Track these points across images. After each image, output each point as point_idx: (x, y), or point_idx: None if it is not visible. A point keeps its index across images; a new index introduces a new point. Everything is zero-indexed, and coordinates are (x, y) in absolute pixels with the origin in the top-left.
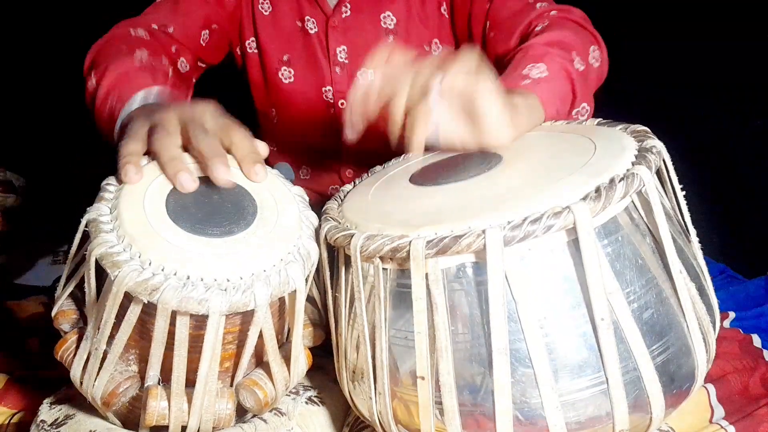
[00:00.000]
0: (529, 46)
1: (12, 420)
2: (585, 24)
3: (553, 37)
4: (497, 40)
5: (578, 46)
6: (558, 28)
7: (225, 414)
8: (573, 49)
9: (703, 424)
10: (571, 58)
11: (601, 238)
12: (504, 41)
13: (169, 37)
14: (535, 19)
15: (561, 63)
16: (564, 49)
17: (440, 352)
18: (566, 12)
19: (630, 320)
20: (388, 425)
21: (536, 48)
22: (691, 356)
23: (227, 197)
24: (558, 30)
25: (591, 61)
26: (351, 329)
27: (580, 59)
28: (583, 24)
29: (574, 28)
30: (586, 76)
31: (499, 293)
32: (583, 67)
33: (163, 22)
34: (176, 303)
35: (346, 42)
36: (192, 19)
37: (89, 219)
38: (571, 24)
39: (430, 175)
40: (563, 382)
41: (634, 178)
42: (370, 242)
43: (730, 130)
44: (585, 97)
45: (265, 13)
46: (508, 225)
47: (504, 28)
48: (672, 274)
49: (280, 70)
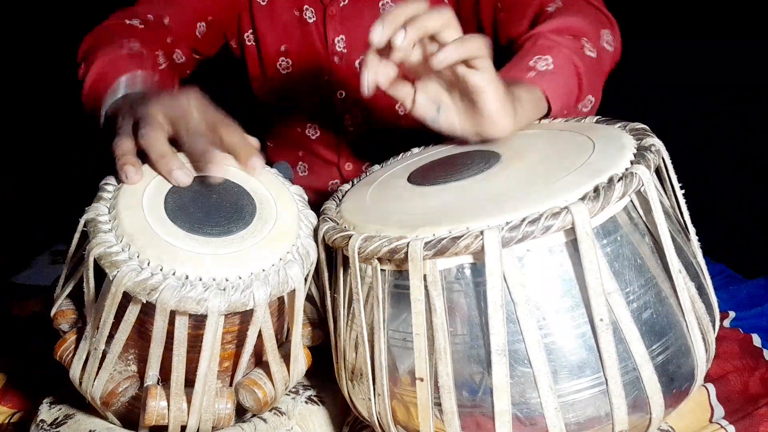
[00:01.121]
0: (538, 34)
1: (12, 420)
2: (598, 4)
3: (563, 23)
4: (509, 21)
5: (589, 31)
6: (569, 12)
7: (224, 414)
8: (583, 35)
9: (702, 424)
10: (581, 45)
11: (600, 238)
12: (516, 23)
13: (165, 28)
14: (547, 0)
15: (569, 55)
16: (574, 35)
17: (439, 353)
18: None
19: (629, 320)
20: (387, 426)
21: (545, 38)
22: (691, 356)
23: (226, 197)
24: (569, 14)
25: (603, 45)
26: (349, 330)
27: (590, 45)
28: (596, 4)
29: (586, 9)
30: (597, 64)
31: (498, 294)
32: (594, 53)
33: (159, 13)
34: (175, 303)
35: (344, 31)
36: (188, 11)
37: (88, 219)
38: (583, 5)
39: (429, 174)
40: (562, 382)
41: (633, 177)
42: (368, 243)
43: (730, 130)
44: (591, 89)
45: (263, 3)
46: (506, 226)
47: (515, 10)
48: (671, 273)
49: (278, 60)
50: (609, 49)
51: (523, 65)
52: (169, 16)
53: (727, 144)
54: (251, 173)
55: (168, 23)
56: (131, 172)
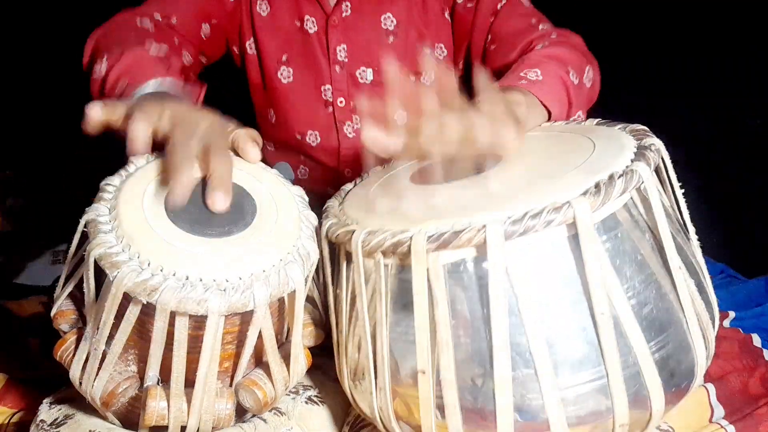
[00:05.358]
0: (527, 57)
1: (12, 420)
2: (582, 49)
3: (551, 52)
4: (498, 53)
5: (574, 63)
6: (556, 46)
7: (224, 414)
8: (569, 64)
9: (702, 424)
10: (567, 70)
11: (601, 234)
12: (504, 55)
13: (172, 28)
14: (536, 39)
15: (556, 71)
16: (561, 62)
17: (441, 346)
18: (566, 36)
19: (630, 315)
20: (388, 421)
21: (533, 57)
22: (691, 352)
23: None
24: (556, 47)
25: (585, 81)
26: (352, 326)
27: (575, 73)
28: (580, 48)
29: (572, 49)
30: (581, 90)
31: (500, 288)
32: (577, 81)
33: (166, 13)
34: (175, 303)
35: (345, 41)
36: (192, 11)
37: (88, 219)
38: (569, 45)
39: (431, 174)
40: (563, 376)
41: (633, 174)
42: (372, 237)
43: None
44: (580, 106)
45: (264, 14)
46: (508, 219)
47: (506, 44)
48: (671, 270)
49: (279, 69)
50: (588, 85)
51: (514, 76)
52: (176, 16)
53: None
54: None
55: (175, 23)
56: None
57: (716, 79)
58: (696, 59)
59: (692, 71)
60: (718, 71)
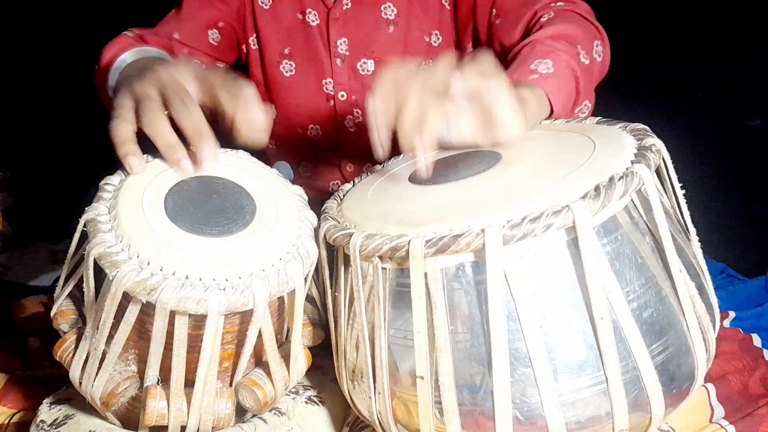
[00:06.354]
0: (536, 41)
1: (12, 420)
2: (589, 17)
3: (559, 30)
4: (503, 28)
5: (583, 39)
6: (563, 21)
7: (224, 414)
8: (578, 42)
9: (702, 424)
10: (577, 52)
11: (601, 237)
12: (509, 30)
13: (176, 42)
14: (541, 9)
15: (567, 60)
16: (569, 42)
17: (439, 351)
18: (572, 4)
19: (629, 319)
20: (387, 425)
21: (542, 43)
22: (691, 355)
23: (226, 196)
24: (563, 22)
25: (594, 56)
26: (350, 329)
27: (585, 53)
28: (587, 17)
29: (578, 20)
30: (591, 70)
31: (499, 292)
32: (588, 60)
33: (169, 31)
34: (175, 303)
35: (346, 34)
36: (195, 22)
37: (87, 219)
38: (575, 16)
39: (430, 174)
40: (563, 381)
41: (634, 176)
42: (369, 241)
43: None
44: (587, 94)
45: (265, 7)
46: (507, 224)
47: (510, 17)
48: (672, 273)
49: (281, 63)
50: (599, 59)
51: (524, 69)
52: (178, 31)
53: (727, 144)
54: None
55: (178, 37)
56: (134, 162)
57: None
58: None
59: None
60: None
